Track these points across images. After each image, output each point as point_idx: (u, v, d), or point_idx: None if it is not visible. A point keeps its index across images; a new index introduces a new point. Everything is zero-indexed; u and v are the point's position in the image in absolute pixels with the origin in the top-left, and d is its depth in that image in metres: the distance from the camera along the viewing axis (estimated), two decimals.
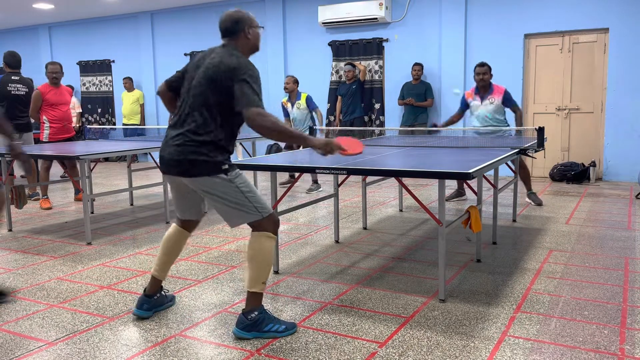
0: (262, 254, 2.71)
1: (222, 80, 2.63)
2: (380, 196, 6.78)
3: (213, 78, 2.65)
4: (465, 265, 3.87)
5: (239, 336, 2.71)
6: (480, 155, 3.74)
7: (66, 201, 6.84)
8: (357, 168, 3.13)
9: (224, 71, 2.63)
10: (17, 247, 4.63)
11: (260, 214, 2.72)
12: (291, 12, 9.77)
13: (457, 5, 8.34)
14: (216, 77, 2.64)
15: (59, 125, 6.47)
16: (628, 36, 7.42)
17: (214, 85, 2.65)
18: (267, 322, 2.72)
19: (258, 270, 2.71)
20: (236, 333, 2.72)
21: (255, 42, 2.85)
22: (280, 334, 2.73)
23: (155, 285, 3.03)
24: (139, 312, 2.99)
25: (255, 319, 2.70)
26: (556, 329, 2.77)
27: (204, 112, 2.67)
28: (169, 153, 2.72)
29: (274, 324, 2.74)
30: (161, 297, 3.09)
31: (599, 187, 7.20)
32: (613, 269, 3.72)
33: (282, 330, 2.74)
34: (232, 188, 2.68)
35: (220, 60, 2.67)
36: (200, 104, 2.68)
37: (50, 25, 12.40)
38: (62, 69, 6.52)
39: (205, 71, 2.70)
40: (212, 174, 2.66)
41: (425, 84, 8.46)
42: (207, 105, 2.66)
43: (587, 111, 7.91)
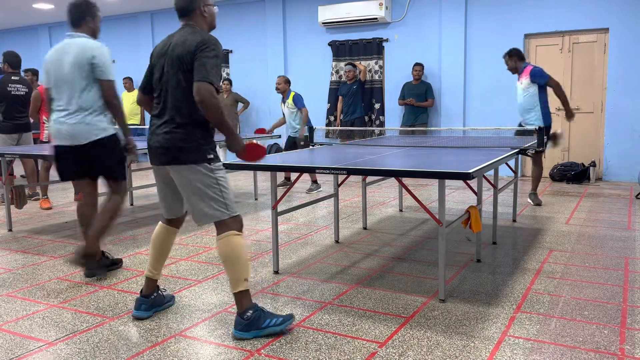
0: (235, 252, 2.71)
1: (190, 58, 2.63)
2: (380, 196, 6.78)
3: (180, 57, 2.66)
4: (465, 265, 3.87)
5: (239, 337, 2.71)
6: (480, 155, 3.74)
7: (66, 201, 6.83)
8: (357, 168, 3.13)
9: (190, 49, 2.64)
10: (17, 247, 4.63)
11: (228, 213, 2.74)
12: (291, 12, 9.77)
13: (457, 5, 8.34)
14: (183, 55, 2.65)
15: None
16: (628, 36, 7.42)
17: (184, 65, 2.65)
18: (263, 318, 2.73)
19: (236, 270, 2.70)
20: (236, 335, 2.72)
21: (212, 19, 2.90)
22: (279, 326, 2.74)
23: (150, 286, 3.02)
24: (138, 313, 2.99)
25: (252, 317, 2.70)
26: (556, 329, 2.77)
27: (181, 94, 2.69)
28: (156, 141, 2.74)
29: (270, 319, 2.74)
30: (159, 297, 3.08)
31: (599, 187, 7.20)
32: (613, 269, 3.72)
33: (280, 323, 2.75)
34: (211, 180, 2.70)
35: (185, 39, 2.69)
36: (175, 87, 2.70)
37: (50, 25, 12.40)
38: None
39: (171, 54, 2.71)
40: (197, 163, 2.67)
41: (425, 84, 8.46)
42: (182, 87, 2.68)
43: (587, 111, 7.91)
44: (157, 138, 2.74)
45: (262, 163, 3.43)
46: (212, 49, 2.64)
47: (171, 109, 2.71)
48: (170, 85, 2.72)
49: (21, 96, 6.43)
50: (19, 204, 5.15)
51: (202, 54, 2.61)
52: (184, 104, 2.68)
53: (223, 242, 2.73)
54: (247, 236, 4.84)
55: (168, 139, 2.69)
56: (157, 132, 2.75)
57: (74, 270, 3.90)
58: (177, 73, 2.68)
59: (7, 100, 6.31)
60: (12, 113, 6.37)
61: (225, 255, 2.72)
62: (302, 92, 9.81)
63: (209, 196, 2.71)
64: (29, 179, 6.74)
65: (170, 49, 2.74)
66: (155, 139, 2.76)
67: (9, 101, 6.32)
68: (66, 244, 4.67)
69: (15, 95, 6.37)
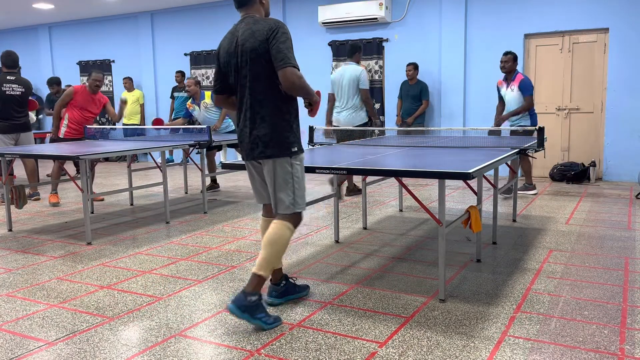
0: (282, 241, 2.80)
1: (264, 48, 2.67)
2: (380, 196, 6.78)
3: (253, 50, 2.69)
4: (465, 265, 3.87)
5: (233, 312, 2.73)
6: (480, 155, 3.74)
7: (66, 201, 6.84)
8: (357, 168, 3.13)
9: (261, 38, 2.67)
10: (17, 247, 4.63)
11: (294, 207, 2.83)
12: (291, 12, 9.77)
13: (457, 5, 8.34)
14: (256, 47, 2.68)
15: (75, 127, 6.52)
16: (628, 36, 7.43)
17: (260, 57, 2.69)
18: (260, 310, 2.77)
19: (272, 255, 2.78)
20: (231, 309, 2.73)
21: (268, 7, 2.92)
22: (268, 324, 2.79)
23: (275, 275, 3.13)
24: (269, 298, 3.11)
25: (253, 302, 2.74)
26: (556, 329, 2.77)
27: (262, 87, 2.74)
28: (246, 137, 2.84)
29: (264, 315, 2.79)
30: (290, 286, 3.18)
31: (599, 187, 7.20)
32: (613, 269, 3.72)
33: (271, 323, 2.81)
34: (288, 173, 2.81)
35: (252, 31, 2.71)
36: (255, 81, 2.74)
37: (50, 25, 12.40)
38: (104, 79, 6.58)
39: (242, 49, 2.73)
40: (280, 156, 2.78)
41: (420, 84, 8.42)
42: (263, 79, 2.72)
43: (587, 111, 7.91)
44: (246, 134, 2.83)
45: None
46: (282, 32, 2.67)
47: (254, 103, 2.77)
48: (250, 80, 2.75)
49: (17, 96, 6.41)
50: (19, 204, 5.16)
51: (275, 41, 2.64)
52: (268, 96, 2.74)
53: (278, 226, 2.81)
54: (247, 236, 4.84)
55: (255, 134, 2.78)
56: (244, 129, 2.84)
57: (74, 270, 3.90)
58: (254, 66, 2.71)
59: (1, 100, 6.29)
60: (8, 113, 6.36)
61: (272, 239, 2.79)
62: None
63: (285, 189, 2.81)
64: (29, 179, 6.75)
65: (239, 44, 2.75)
66: (243, 135, 2.85)
67: (3, 101, 6.31)
68: (66, 244, 4.67)
69: (10, 95, 6.36)
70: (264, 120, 2.77)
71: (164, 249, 4.43)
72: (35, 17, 11.54)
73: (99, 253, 4.36)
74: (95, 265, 4.04)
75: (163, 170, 5.48)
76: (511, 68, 6.39)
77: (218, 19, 10.42)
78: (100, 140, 6.64)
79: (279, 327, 2.84)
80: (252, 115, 2.79)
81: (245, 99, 2.81)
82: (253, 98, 2.77)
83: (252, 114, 2.79)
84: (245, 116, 2.83)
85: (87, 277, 3.75)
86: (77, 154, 4.50)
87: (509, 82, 6.45)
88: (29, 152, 4.81)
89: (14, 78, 6.43)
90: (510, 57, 6.39)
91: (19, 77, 6.51)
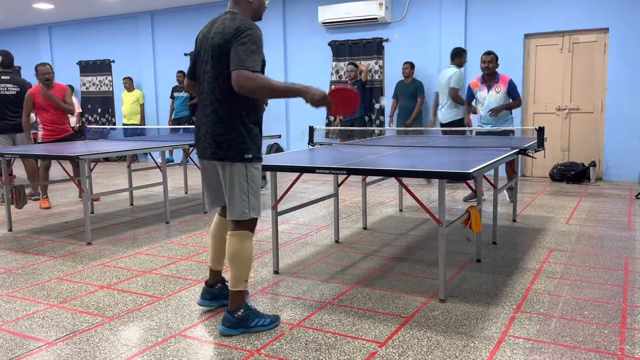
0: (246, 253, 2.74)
1: (227, 47, 2.58)
2: (380, 196, 6.78)
3: (219, 46, 2.61)
4: (465, 265, 3.87)
5: (225, 334, 2.74)
6: (480, 155, 3.74)
7: (66, 201, 6.84)
8: (357, 168, 3.13)
9: (227, 37, 2.58)
10: (17, 247, 4.63)
11: (249, 214, 2.72)
12: (291, 12, 9.77)
13: (457, 6, 8.34)
14: (221, 45, 2.60)
15: (50, 128, 6.33)
16: (628, 36, 7.42)
17: (223, 56, 2.60)
18: (252, 317, 2.77)
19: (241, 270, 2.73)
20: (223, 331, 2.74)
21: (259, 6, 2.80)
22: (266, 327, 2.79)
23: (212, 277, 3.07)
24: (202, 301, 3.06)
25: (242, 316, 2.74)
26: (556, 329, 2.77)
27: (219, 87, 2.64)
28: (202, 134, 2.75)
29: (259, 319, 2.78)
30: (225, 290, 3.06)
31: (599, 187, 7.20)
32: (613, 269, 3.72)
33: (268, 324, 2.80)
34: (243, 178, 2.69)
35: (224, 26, 2.63)
36: (215, 79, 2.66)
37: (50, 25, 12.40)
38: (52, 68, 6.32)
39: (211, 43, 2.66)
40: (234, 160, 2.66)
41: (416, 83, 8.40)
42: (222, 79, 2.63)
43: (587, 111, 7.91)
44: (202, 132, 2.76)
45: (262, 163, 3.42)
46: (247, 34, 2.55)
47: (214, 101, 2.68)
48: (211, 76, 2.68)
49: (11, 96, 6.38)
50: (19, 204, 5.15)
51: (237, 42, 2.54)
52: (227, 96, 2.64)
53: (236, 240, 2.73)
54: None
55: (210, 133, 2.69)
56: (201, 127, 2.76)
57: (74, 270, 3.90)
58: (218, 64, 2.63)
59: None
60: (3, 113, 6.33)
61: (235, 254, 2.73)
62: None
63: (240, 193, 2.70)
64: (30, 179, 6.74)
65: (210, 37, 2.69)
66: (200, 133, 2.78)
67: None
68: (66, 244, 4.67)
69: (5, 95, 6.34)
70: (220, 121, 2.66)
71: (164, 249, 4.43)
72: (35, 17, 11.53)
73: (99, 253, 4.36)
74: (95, 265, 4.04)
75: (163, 170, 5.48)
76: (494, 68, 6.05)
77: None
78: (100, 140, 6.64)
79: (279, 327, 2.84)
80: (210, 113, 2.69)
81: (205, 95, 2.72)
82: (213, 96, 2.68)
83: (210, 112, 2.69)
84: (203, 113, 2.74)
85: (87, 277, 3.75)
86: (77, 154, 4.51)
87: (492, 84, 6.04)
88: (28, 152, 4.81)
89: (9, 78, 6.40)
90: (493, 56, 6.04)
91: (14, 76, 6.49)
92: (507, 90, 6.03)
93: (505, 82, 6.04)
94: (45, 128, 6.33)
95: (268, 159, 3.75)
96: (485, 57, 6.06)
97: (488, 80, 6.10)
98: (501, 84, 6.04)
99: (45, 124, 6.32)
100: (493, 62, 6.03)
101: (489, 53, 6.07)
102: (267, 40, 9.94)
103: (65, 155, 4.50)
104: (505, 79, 6.05)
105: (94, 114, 12.12)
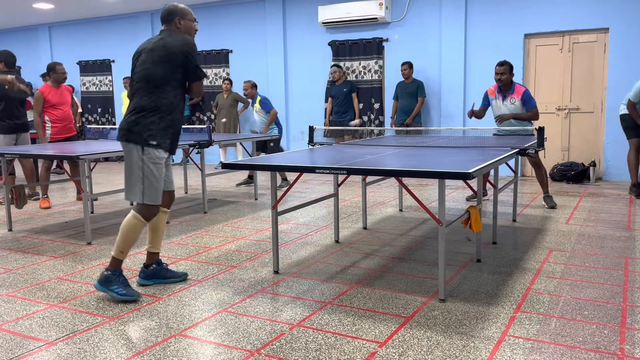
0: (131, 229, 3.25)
1: (170, 57, 3.18)
2: (380, 196, 6.78)
3: (161, 56, 3.18)
4: (465, 265, 3.87)
5: (96, 287, 3.27)
6: (480, 155, 3.74)
7: (66, 201, 6.84)
8: (357, 168, 3.13)
9: (171, 49, 3.18)
10: (17, 247, 4.63)
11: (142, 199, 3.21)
12: (291, 12, 9.77)
13: (457, 5, 8.34)
14: (164, 54, 3.18)
15: (60, 125, 6.47)
16: (628, 36, 7.42)
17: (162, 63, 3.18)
18: (114, 283, 3.22)
19: (122, 241, 3.24)
20: (95, 285, 3.28)
21: (187, 31, 3.38)
22: (118, 295, 3.20)
23: (149, 257, 3.54)
24: (138, 279, 3.54)
25: (107, 276, 3.24)
26: (556, 329, 2.77)
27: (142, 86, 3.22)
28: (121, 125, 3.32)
29: (118, 287, 3.22)
30: (160, 270, 3.55)
31: (599, 187, 7.20)
32: (613, 269, 3.72)
33: (121, 294, 3.21)
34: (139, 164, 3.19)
35: (165, 41, 3.22)
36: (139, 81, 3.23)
37: (50, 25, 12.40)
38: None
39: (150, 53, 3.21)
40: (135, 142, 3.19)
41: (416, 82, 8.40)
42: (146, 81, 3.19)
43: (587, 111, 7.91)
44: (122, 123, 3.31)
45: (262, 163, 3.43)
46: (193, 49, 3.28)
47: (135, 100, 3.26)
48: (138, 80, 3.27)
49: (18, 96, 6.42)
50: (19, 204, 5.15)
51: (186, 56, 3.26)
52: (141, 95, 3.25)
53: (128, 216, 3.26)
54: (247, 236, 4.84)
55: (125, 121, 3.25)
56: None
57: (74, 270, 3.90)
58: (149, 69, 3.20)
59: (4, 99, 6.30)
60: (11, 112, 6.36)
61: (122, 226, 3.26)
62: (302, 92, 9.85)
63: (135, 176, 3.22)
64: (28, 179, 6.74)
65: (147, 51, 3.24)
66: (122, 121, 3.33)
67: (6, 101, 6.31)
68: (66, 244, 4.67)
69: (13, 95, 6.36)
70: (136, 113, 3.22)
71: (164, 249, 4.43)
72: (35, 17, 11.53)
73: (99, 253, 4.36)
74: (95, 265, 4.04)
75: None
76: (508, 80, 5.73)
77: (218, 19, 10.42)
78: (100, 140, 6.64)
79: (279, 327, 2.84)
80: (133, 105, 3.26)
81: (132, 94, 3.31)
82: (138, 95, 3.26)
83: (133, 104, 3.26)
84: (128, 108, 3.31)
85: (87, 277, 3.75)
86: (77, 154, 4.51)
87: (506, 94, 5.78)
88: (28, 152, 4.81)
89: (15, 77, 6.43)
90: (507, 67, 5.70)
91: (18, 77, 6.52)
92: (521, 101, 5.71)
93: (519, 93, 5.71)
94: (54, 126, 6.43)
95: (268, 159, 3.75)
96: (498, 69, 5.75)
97: (503, 90, 5.81)
98: (516, 94, 5.73)
99: (55, 122, 6.43)
100: (506, 73, 5.70)
101: (502, 64, 5.74)
102: (267, 40, 9.95)
103: (65, 155, 4.49)
104: (520, 90, 5.72)
105: (94, 113, 12.12)
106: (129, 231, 3.24)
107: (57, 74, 6.40)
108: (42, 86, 6.44)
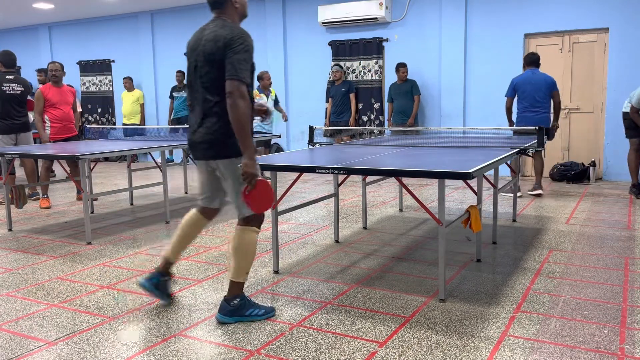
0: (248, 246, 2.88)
1: (220, 55, 2.67)
2: (380, 196, 6.78)
3: (211, 54, 2.70)
4: (465, 265, 3.87)
5: (222, 321, 2.88)
6: (480, 155, 3.74)
7: (66, 201, 6.84)
8: (357, 168, 3.13)
9: (219, 44, 2.67)
10: (17, 247, 4.63)
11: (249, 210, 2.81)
12: (291, 12, 9.77)
13: (457, 5, 8.34)
14: (214, 52, 2.69)
15: (59, 125, 6.45)
16: (628, 36, 7.42)
17: (216, 63, 2.69)
18: (247, 307, 2.90)
19: (243, 262, 2.87)
20: (219, 319, 2.89)
21: (243, 9, 2.90)
22: (260, 317, 2.91)
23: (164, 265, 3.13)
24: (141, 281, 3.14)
25: (238, 305, 2.88)
26: (556, 329, 2.77)
27: (213, 91, 2.73)
28: (195, 137, 2.85)
29: (254, 309, 2.91)
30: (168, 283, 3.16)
31: (599, 187, 7.20)
32: (613, 269, 3.72)
33: (262, 314, 2.93)
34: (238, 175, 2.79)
35: (215, 34, 2.72)
36: (208, 85, 2.74)
37: (50, 25, 12.40)
38: (62, 68, 6.52)
39: (203, 50, 2.74)
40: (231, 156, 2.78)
41: (410, 82, 8.42)
42: (215, 85, 2.71)
43: (587, 111, 7.90)
44: (196, 135, 2.84)
45: (262, 163, 3.43)
46: (240, 42, 2.66)
47: (204, 106, 2.78)
48: (203, 82, 2.76)
49: (17, 95, 6.41)
50: (19, 203, 5.15)
51: (231, 51, 2.64)
52: (218, 101, 2.73)
53: (241, 233, 2.88)
54: None
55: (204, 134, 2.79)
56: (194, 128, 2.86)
57: (74, 270, 3.90)
58: (209, 71, 2.72)
59: (2, 99, 6.29)
60: (9, 112, 6.35)
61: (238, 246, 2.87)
62: (302, 92, 9.86)
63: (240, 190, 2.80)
64: (28, 179, 6.74)
65: (202, 45, 2.77)
66: (194, 135, 2.86)
67: (4, 100, 6.30)
68: (66, 244, 4.67)
69: (11, 94, 6.35)
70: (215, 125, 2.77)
71: (164, 249, 4.42)
72: (35, 17, 11.53)
73: (99, 253, 4.36)
74: (95, 265, 4.04)
75: (163, 170, 5.48)
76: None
77: None
78: (100, 140, 6.64)
79: (279, 327, 2.84)
80: (203, 118, 2.80)
81: (198, 100, 2.82)
82: (205, 101, 2.78)
83: (203, 117, 2.80)
84: (196, 117, 2.85)
85: (87, 277, 3.75)
86: (77, 154, 4.51)
87: None
88: (28, 152, 4.81)
89: (13, 77, 6.42)
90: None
91: (18, 76, 6.52)
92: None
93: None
94: (53, 125, 6.42)
95: (268, 159, 3.75)
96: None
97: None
98: None
99: (54, 122, 6.41)
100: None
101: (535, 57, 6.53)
102: (267, 40, 9.95)
103: (65, 155, 4.49)
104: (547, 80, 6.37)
105: (94, 113, 12.11)
106: (248, 247, 2.87)
107: (47, 72, 6.38)
108: (43, 85, 6.44)
